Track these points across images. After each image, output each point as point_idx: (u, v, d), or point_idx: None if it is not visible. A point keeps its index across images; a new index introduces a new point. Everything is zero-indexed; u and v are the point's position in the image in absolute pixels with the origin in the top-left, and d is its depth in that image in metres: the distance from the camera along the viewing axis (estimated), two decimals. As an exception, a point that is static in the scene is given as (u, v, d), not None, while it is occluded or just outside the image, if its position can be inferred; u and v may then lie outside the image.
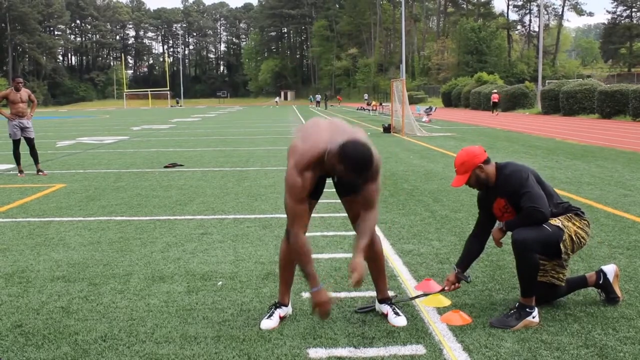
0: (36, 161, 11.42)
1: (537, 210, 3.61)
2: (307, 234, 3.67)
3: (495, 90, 42.06)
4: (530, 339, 3.44)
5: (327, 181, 3.75)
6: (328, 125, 3.56)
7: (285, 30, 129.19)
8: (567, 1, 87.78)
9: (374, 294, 3.98)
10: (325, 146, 3.33)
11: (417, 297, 4.05)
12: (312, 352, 3.33)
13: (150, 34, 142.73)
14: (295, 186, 3.34)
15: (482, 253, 4.07)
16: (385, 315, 3.78)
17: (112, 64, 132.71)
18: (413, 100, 50.52)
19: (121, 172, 11.58)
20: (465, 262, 3.98)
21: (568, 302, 4.01)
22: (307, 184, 3.36)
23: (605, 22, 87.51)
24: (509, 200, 3.74)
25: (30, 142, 11.36)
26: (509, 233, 3.76)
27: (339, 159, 3.22)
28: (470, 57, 76.24)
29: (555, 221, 3.71)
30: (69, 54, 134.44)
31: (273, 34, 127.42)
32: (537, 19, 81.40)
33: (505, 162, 3.91)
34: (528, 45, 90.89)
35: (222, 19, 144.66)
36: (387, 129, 22.11)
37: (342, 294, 4.25)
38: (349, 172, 3.26)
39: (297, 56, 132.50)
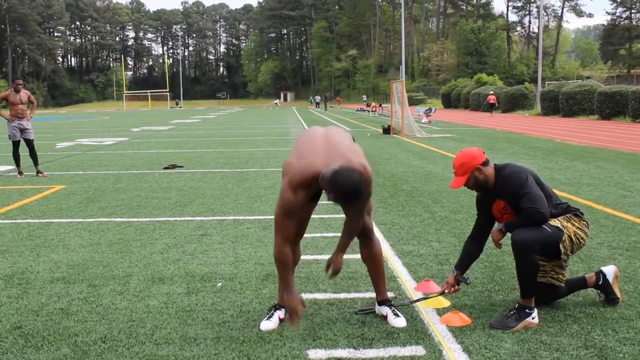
0: (36, 162, 11.42)
1: (536, 211, 3.61)
2: (306, 235, 3.72)
3: (491, 92, 42.01)
4: (529, 340, 3.44)
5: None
6: (324, 142, 3.55)
7: (285, 32, 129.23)
8: (566, 2, 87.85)
9: (373, 295, 3.98)
10: (319, 168, 3.34)
11: (418, 300, 4.04)
12: (312, 353, 3.33)
13: (149, 36, 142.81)
14: (289, 203, 3.39)
15: (481, 254, 4.07)
16: (384, 317, 3.78)
17: (111, 65, 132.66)
18: (413, 102, 50.51)
19: (121, 173, 11.58)
20: (464, 264, 3.98)
21: (567, 303, 4.01)
22: (300, 202, 3.40)
23: (605, 23, 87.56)
24: (509, 202, 3.75)
25: (29, 143, 11.36)
26: (509, 234, 3.76)
27: (329, 186, 3.26)
28: (470, 58, 76.25)
29: (555, 222, 3.71)
30: (69, 56, 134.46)
31: (273, 35, 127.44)
32: (537, 20, 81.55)
33: (504, 163, 3.91)
34: (528, 46, 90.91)
35: (221, 20, 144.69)
36: (387, 130, 22.13)
37: (342, 295, 4.25)
38: (338, 200, 3.32)
39: (297, 57, 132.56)
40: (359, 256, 3.96)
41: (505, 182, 3.75)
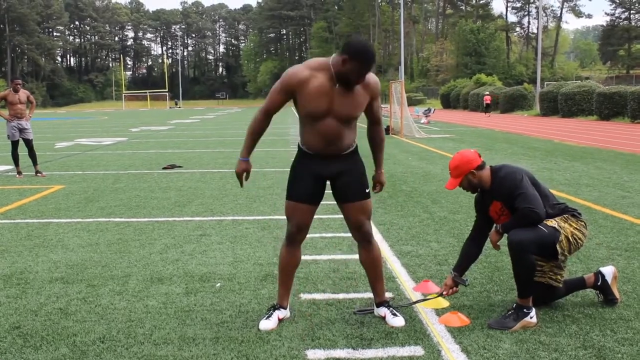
0: (35, 162, 11.41)
1: (532, 211, 3.62)
2: (306, 236, 3.74)
3: (487, 92, 42.10)
4: (528, 340, 3.44)
5: (325, 185, 3.76)
6: None
7: (284, 32, 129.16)
8: (565, 3, 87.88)
9: (372, 295, 3.97)
10: (327, 60, 3.52)
11: (417, 302, 4.04)
12: (311, 353, 3.33)
13: (149, 35, 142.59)
14: (292, 72, 3.51)
15: (480, 255, 4.07)
16: (383, 318, 3.78)
17: (110, 65, 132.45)
18: (412, 102, 50.48)
19: (120, 173, 11.58)
20: (462, 266, 3.99)
21: (566, 304, 4.01)
22: (303, 76, 3.47)
23: (604, 24, 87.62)
24: (505, 203, 3.76)
25: (28, 143, 11.35)
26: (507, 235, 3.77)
27: (343, 51, 3.40)
28: (469, 58, 76.23)
29: (552, 222, 3.72)
30: (68, 55, 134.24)
31: (272, 35, 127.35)
32: (536, 20, 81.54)
33: (499, 165, 3.92)
34: (527, 47, 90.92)
35: (221, 20, 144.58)
36: (386, 131, 22.03)
37: (341, 296, 4.26)
38: (353, 62, 3.38)
39: (296, 58, 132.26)
40: (357, 256, 3.95)
41: (501, 184, 3.77)
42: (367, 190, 3.74)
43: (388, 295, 4.10)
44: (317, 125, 3.54)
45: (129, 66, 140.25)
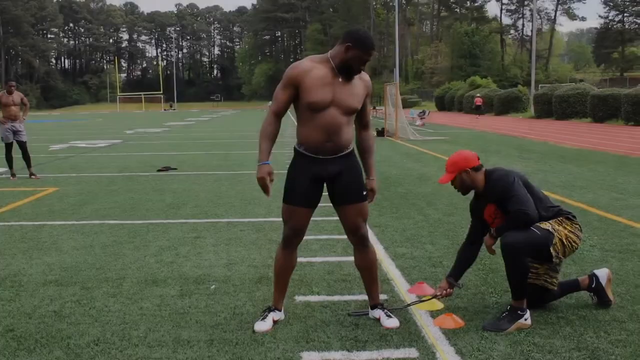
0: (28, 165, 11.37)
1: (523, 213, 3.64)
2: (303, 239, 3.73)
3: (478, 95, 42.23)
4: (522, 342, 3.45)
5: (322, 187, 3.76)
6: None
7: (279, 34, 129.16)
8: (559, 6, 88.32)
9: (367, 297, 3.97)
10: (325, 54, 3.60)
11: (412, 304, 4.05)
12: (306, 355, 3.33)
13: (143, 38, 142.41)
14: (294, 67, 3.58)
15: (475, 259, 4.08)
16: (378, 319, 3.78)
17: (105, 67, 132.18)
18: (407, 104, 50.52)
19: (114, 175, 11.55)
20: (458, 270, 3.99)
21: (560, 305, 4.02)
22: (302, 70, 3.53)
23: (598, 26, 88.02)
24: (498, 205, 3.77)
25: (22, 145, 11.31)
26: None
27: (345, 40, 3.49)
28: (464, 61, 76.44)
29: (546, 225, 3.73)
30: (62, 57, 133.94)
31: (267, 37, 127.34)
32: (530, 23, 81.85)
33: (493, 167, 3.94)
34: (521, 49, 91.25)
35: (216, 22, 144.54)
36: (381, 133, 22.16)
37: (335, 298, 4.26)
38: (355, 49, 3.47)
39: (291, 60, 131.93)
40: (352, 258, 3.95)
41: (493, 186, 3.79)
42: (364, 193, 3.74)
43: (382, 297, 4.10)
44: (319, 118, 3.52)
45: (124, 68, 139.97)
